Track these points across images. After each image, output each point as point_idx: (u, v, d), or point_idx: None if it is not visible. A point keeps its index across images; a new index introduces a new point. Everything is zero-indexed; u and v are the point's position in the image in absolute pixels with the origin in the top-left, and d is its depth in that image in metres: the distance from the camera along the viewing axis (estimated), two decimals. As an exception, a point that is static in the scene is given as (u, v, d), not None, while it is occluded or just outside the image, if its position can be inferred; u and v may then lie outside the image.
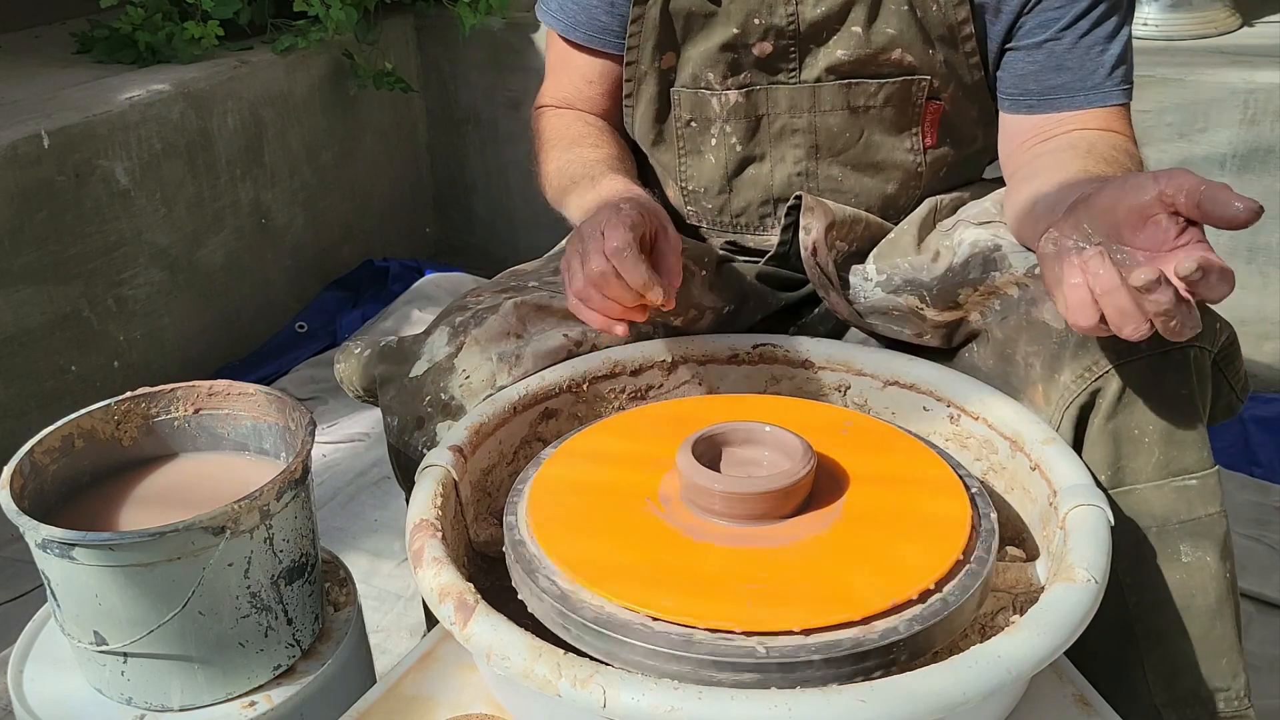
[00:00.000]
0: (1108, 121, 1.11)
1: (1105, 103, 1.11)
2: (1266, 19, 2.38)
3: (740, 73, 1.17)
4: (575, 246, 0.97)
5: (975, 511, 0.86)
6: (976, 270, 1.05)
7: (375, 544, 1.82)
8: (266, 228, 2.45)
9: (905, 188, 1.20)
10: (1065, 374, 0.96)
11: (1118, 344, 0.94)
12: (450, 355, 1.08)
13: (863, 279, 1.14)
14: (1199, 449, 0.95)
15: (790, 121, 1.17)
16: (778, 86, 1.17)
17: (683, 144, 1.23)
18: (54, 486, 1.03)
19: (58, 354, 2.02)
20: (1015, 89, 1.14)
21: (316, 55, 2.50)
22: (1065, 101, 1.11)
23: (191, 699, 0.98)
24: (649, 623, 0.76)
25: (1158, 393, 0.94)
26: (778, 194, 1.21)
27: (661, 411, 1.03)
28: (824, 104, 1.16)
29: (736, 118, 1.19)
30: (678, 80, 1.20)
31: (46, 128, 1.95)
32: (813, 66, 1.15)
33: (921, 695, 0.69)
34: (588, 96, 1.28)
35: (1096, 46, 1.10)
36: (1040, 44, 1.11)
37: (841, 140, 1.18)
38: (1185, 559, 0.95)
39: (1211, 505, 0.96)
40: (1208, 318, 0.98)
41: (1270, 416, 1.99)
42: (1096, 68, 1.10)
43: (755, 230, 1.23)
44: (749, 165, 1.21)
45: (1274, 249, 2.06)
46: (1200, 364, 0.96)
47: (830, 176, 1.19)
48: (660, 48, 1.19)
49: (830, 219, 1.14)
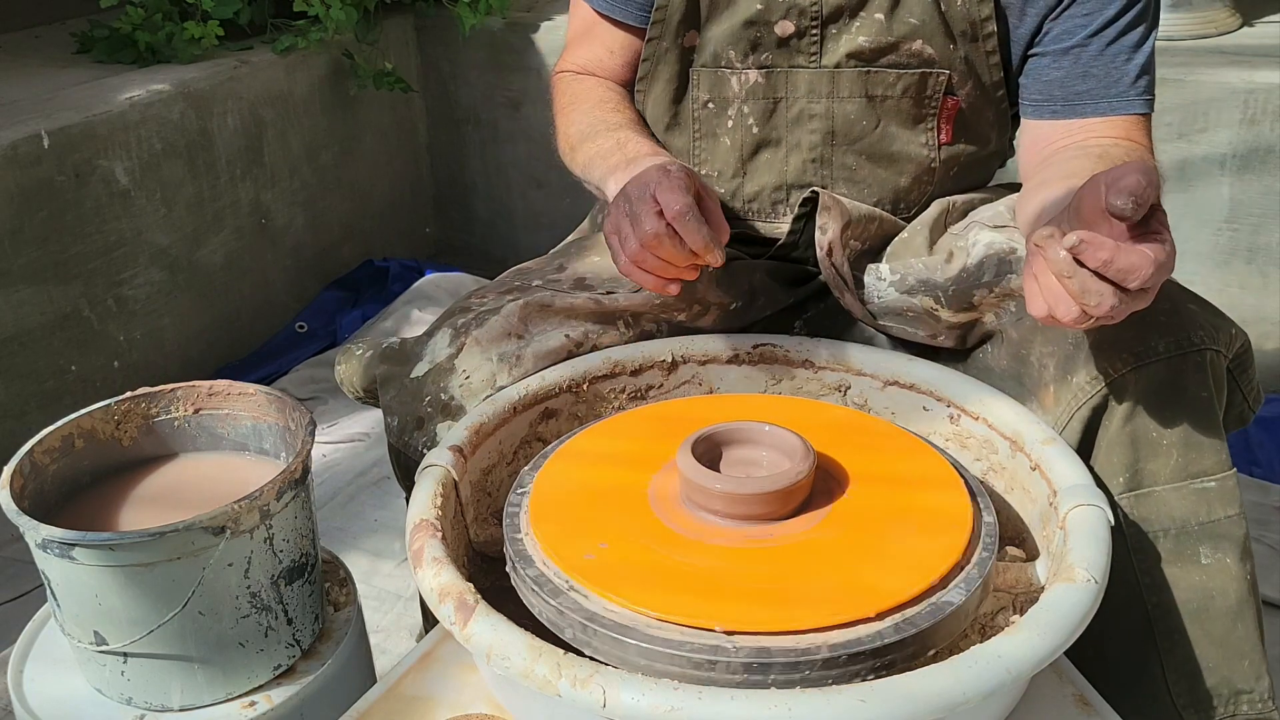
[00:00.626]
0: (1127, 130, 1.11)
1: (1127, 111, 1.11)
2: (1266, 19, 2.38)
3: (761, 52, 1.17)
4: (623, 209, 0.96)
5: (975, 511, 0.86)
6: (991, 273, 1.05)
7: (375, 544, 1.82)
8: (266, 228, 2.45)
9: (918, 182, 1.20)
10: (1080, 375, 0.96)
11: (1135, 346, 0.94)
12: (451, 356, 1.08)
13: (876, 278, 1.14)
14: (1217, 451, 0.96)
15: (808, 106, 1.18)
16: (798, 70, 1.17)
17: (698, 126, 1.22)
18: (54, 486, 1.03)
19: (58, 354, 2.02)
20: (1040, 95, 1.14)
21: (316, 55, 2.50)
22: (1089, 108, 1.11)
23: (191, 699, 0.98)
24: (649, 623, 0.76)
25: (1176, 395, 0.94)
26: (792, 180, 1.21)
27: (661, 411, 1.03)
28: (842, 90, 1.16)
29: (755, 98, 1.19)
30: (698, 60, 1.20)
31: (46, 128, 1.95)
32: (833, 51, 1.15)
33: (921, 695, 0.69)
34: (608, 66, 1.28)
35: (1122, 55, 1.10)
36: (1067, 50, 1.11)
37: (858, 128, 1.18)
38: (1205, 560, 0.95)
39: (1231, 507, 0.96)
40: (1223, 323, 0.99)
41: (1270, 416, 1.99)
42: (1121, 76, 1.10)
43: (767, 217, 1.23)
44: (764, 149, 1.21)
45: (1274, 249, 2.06)
46: (1216, 367, 0.96)
47: (845, 165, 1.19)
48: (685, 23, 1.19)
49: (846, 219, 1.14)
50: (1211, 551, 0.95)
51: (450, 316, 1.13)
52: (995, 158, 1.26)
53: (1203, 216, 2.09)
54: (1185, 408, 0.95)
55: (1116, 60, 1.10)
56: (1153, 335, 0.95)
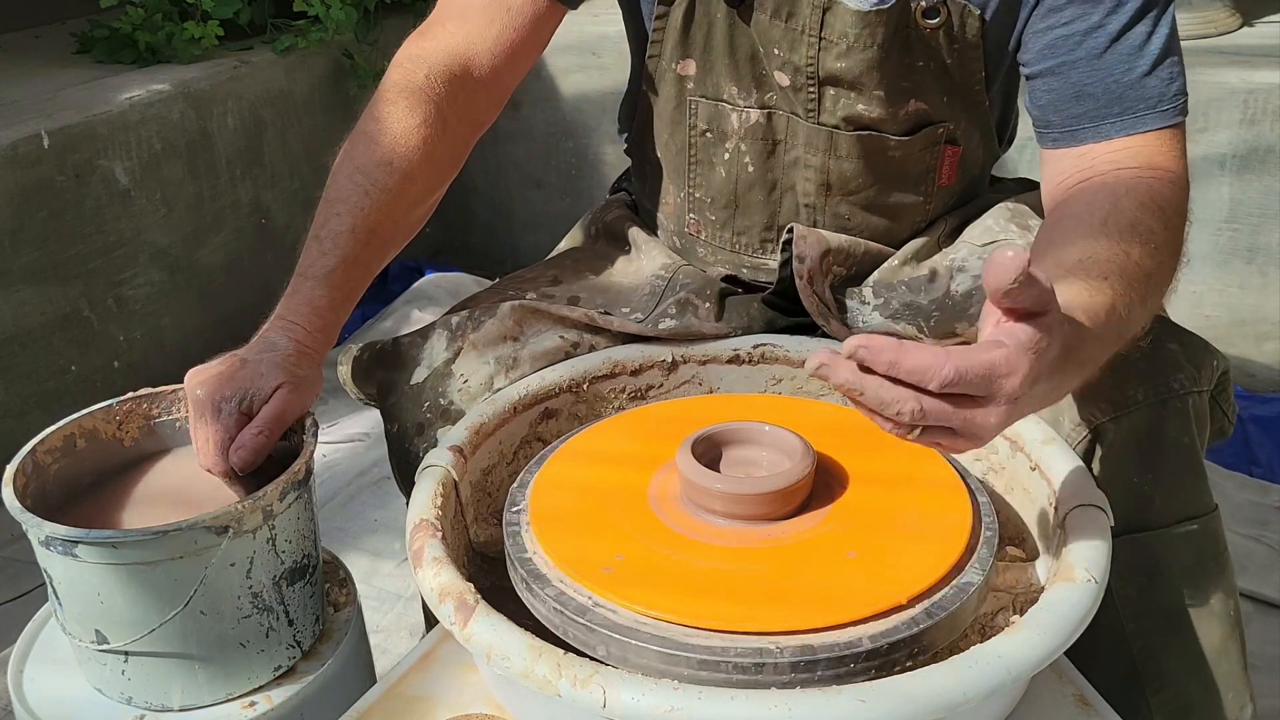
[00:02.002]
0: (1148, 156, 0.98)
1: (1133, 130, 0.98)
2: (1266, 19, 2.38)
3: (765, 92, 1.11)
4: (199, 409, 0.97)
5: (975, 511, 0.86)
6: (979, 304, 1.03)
7: (375, 544, 1.82)
8: (266, 228, 2.45)
9: (911, 222, 1.17)
10: (1065, 422, 0.95)
11: (1116, 394, 0.93)
12: (448, 360, 1.08)
13: (859, 303, 1.12)
14: (1200, 493, 0.96)
15: (805, 156, 1.12)
16: (797, 119, 1.11)
17: (695, 152, 1.17)
18: (56, 486, 1.03)
19: (58, 354, 2.02)
20: (1038, 121, 1.05)
21: (316, 55, 2.50)
22: (1089, 132, 1.00)
23: (192, 699, 0.98)
24: (649, 623, 0.76)
25: (1158, 441, 0.94)
26: (783, 221, 1.16)
27: (661, 411, 1.03)
28: (840, 150, 1.10)
29: (754, 138, 1.13)
30: (696, 89, 1.14)
31: (46, 128, 1.95)
32: (831, 112, 1.09)
33: (921, 695, 0.69)
34: (485, 34, 1.11)
35: (1121, 64, 0.98)
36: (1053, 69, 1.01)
37: (854, 184, 1.13)
38: (1189, 601, 0.95)
39: (1214, 547, 0.96)
40: (1205, 357, 0.97)
41: (1270, 416, 1.99)
42: (1123, 91, 0.98)
43: (755, 253, 1.19)
44: (758, 188, 1.16)
45: (1274, 249, 2.06)
46: (1199, 408, 0.96)
47: (838, 214, 1.15)
48: (679, 50, 1.12)
49: (825, 247, 1.11)
50: (1195, 593, 0.95)
51: (445, 319, 1.13)
52: (988, 169, 1.23)
53: (1203, 216, 2.08)
54: (1168, 453, 0.94)
55: (1115, 71, 0.98)
56: (1131, 383, 0.93)
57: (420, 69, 1.09)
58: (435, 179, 1.11)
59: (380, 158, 1.05)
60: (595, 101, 2.63)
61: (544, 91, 2.67)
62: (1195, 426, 0.95)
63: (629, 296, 1.16)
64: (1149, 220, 0.91)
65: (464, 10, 1.12)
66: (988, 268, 0.66)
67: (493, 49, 1.12)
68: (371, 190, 1.04)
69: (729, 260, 1.21)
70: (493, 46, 1.12)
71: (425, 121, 1.07)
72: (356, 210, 1.03)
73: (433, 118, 1.07)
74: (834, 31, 1.04)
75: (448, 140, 1.10)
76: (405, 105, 1.07)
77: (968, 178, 1.18)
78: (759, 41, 1.09)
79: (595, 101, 2.63)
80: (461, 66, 1.11)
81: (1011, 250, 0.65)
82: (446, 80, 1.10)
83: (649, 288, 1.17)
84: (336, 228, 1.03)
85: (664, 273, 1.18)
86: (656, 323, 1.11)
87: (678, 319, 1.11)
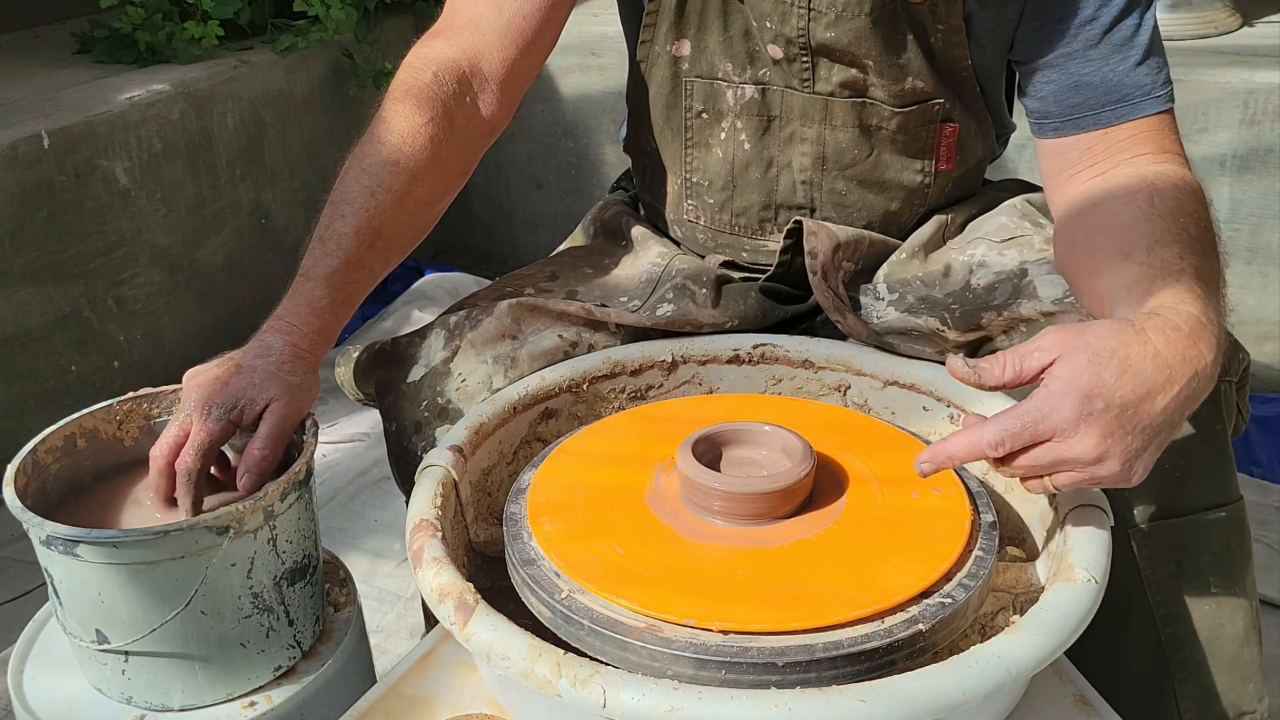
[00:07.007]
0: (1158, 141, 1.02)
1: (1136, 115, 1.03)
2: (1266, 19, 2.38)
3: (759, 68, 1.12)
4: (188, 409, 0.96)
5: (975, 511, 0.86)
6: (1003, 296, 1.04)
7: (375, 544, 1.82)
8: (266, 228, 2.45)
9: (909, 205, 1.17)
10: None
11: None
12: (446, 359, 1.08)
13: (874, 298, 1.12)
14: (1230, 481, 0.96)
15: (800, 130, 1.13)
16: (792, 92, 1.12)
17: (691, 135, 1.17)
18: (56, 485, 1.03)
19: (58, 354, 2.02)
20: (1038, 111, 1.07)
21: (316, 55, 2.50)
22: (1089, 120, 1.04)
23: (192, 699, 0.98)
24: (648, 623, 0.76)
25: (1190, 428, 0.94)
26: (780, 200, 1.17)
27: (661, 411, 1.03)
28: (835, 119, 1.11)
29: (750, 115, 1.14)
30: (691, 70, 1.15)
31: (46, 128, 1.95)
32: (826, 79, 1.10)
33: (921, 695, 0.69)
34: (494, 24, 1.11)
35: (1115, 55, 1.02)
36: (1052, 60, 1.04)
37: (849, 155, 1.13)
38: (1215, 590, 0.96)
39: (1239, 536, 0.97)
40: (1233, 348, 0.98)
41: (1270, 416, 1.99)
42: (1120, 80, 1.02)
43: (754, 234, 1.20)
44: (755, 166, 1.16)
45: (1274, 249, 2.06)
46: (1228, 396, 0.96)
47: (834, 190, 1.15)
48: (674, 31, 1.13)
49: (835, 241, 1.11)
50: (1222, 581, 0.96)
51: (443, 318, 1.13)
52: (984, 162, 1.23)
53: (1202, 216, 2.09)
54: (1199, 440, 0.94)
55: (1110, 61, 1.02)
56: None
57: (428, 69, 1.09)
58: (443, 181, 1.11)
59: (386, 158, 1.04)
60: (595, 101, 2.63)
61: (544, 91, 2.67)
62: (1224, 413, 0.95)
63: (626, 288, 1.17)
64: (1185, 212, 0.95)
65: (472, 3, 1.12)
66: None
67: (501, 39, 1.11)
68: (378, 191, 1.04)
69: (729, 244, 1.21)
70: (501, 37, 1.11)
71: (431, 121, 1.06)
72: (361, 212, 1.03)
73: (439, 117, 1.07)
74: (822, 1, 1.06)
75: (455, 142, 1.09)
76: (411, 105, 1.07)
77: (965, 165, 1.18)
78: (751, 16, 1.10)
79: (595, 101, 2.63)
80: (470, 63, 1.11)
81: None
82: (455, 79, 1.09)
83: (645, 275, 1.17)
84: (340, 229, 1.03)
85: (660, 260, 1.19)
86: (654, 309, 1.11)
87: (675, 304, 1.11)
